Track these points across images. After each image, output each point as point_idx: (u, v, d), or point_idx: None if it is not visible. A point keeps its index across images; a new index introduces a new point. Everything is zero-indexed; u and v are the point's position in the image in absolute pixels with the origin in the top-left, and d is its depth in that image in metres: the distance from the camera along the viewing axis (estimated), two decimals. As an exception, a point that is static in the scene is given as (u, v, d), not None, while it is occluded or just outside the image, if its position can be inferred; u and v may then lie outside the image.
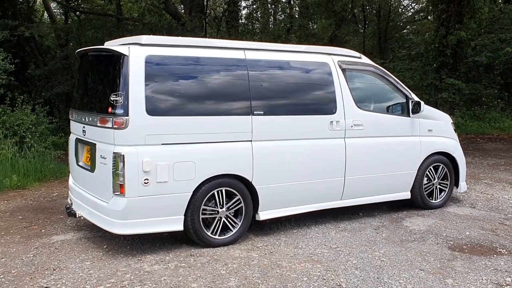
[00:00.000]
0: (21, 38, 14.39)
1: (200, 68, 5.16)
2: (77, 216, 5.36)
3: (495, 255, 5.06)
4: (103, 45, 5.54)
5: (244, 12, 22.66)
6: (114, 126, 4.72)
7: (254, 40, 17.40)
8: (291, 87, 5.69)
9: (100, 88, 5.30)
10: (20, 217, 6.49)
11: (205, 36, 16.27)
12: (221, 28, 21.46)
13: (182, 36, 7.74)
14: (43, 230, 5.87)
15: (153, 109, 4.79)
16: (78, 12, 19.30)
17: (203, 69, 5.17)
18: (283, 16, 24.39)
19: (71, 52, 16.74)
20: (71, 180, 5.90)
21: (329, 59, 6.00)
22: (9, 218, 6.42)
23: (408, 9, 27.31)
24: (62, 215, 6.49)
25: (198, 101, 5.08)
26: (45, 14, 21.86)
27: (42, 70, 15.43)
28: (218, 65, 5.26)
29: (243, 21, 22.40)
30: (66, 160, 10.32)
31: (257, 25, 23.83)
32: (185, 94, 5.04)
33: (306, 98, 5.79)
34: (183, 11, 18.28)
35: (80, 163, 5.57)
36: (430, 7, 21.91)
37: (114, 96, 4.72)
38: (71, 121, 5.89)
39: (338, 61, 6.04)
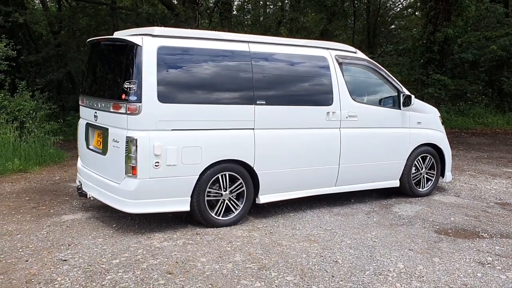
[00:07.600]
0: (14, 24, 14.45)
1: (208, 59, 5.45)
2: (88, 197, 5.66)
3: (477, 238, 5.48)
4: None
5: (235, 3, 22.86)
6: (128, 112, 5.02)
7: (244, 32, 17.64)
8: (291, 79, 6.03)
9: (113, 76, 5.59)
10: (27, 198, 6.75)
11: (197, 27, 16.50)
12: (213, 19, 21.62)
13: (176, 26, 8.02)
14: (51, 210, 6.15)
15: (164, 97, 5.09)
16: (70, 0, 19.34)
17: (210, 60, 5.47)
18: (273, 8, 24.62)
19: (64, 39, 16.87)
20: (79, 163, 6.18)
21: (327, 53, 6.33)
22: (17, 199, 6.68)
23: (397, 4, 27.77)
24: (68, 197, 6.77)
25: (205, 90, 5.40)
26: (36, 0, 21.81)
27: (36, 56, 15.49)
28: (224, 56, 5.58)
29: (234, 12, 22.58)
30: (64, 145, 10.60)
31: (248, 17, 24.02)
32: (193, 84, 5.35)
33: (305, 90, 6.15)
34: (176, 1, 18.46)
35: (90, 147, 5.84)
36: (419, 3, 22.37)
37: (128, 83, 5.00)
38: (81, 106, 6.15)
39: (335, 55, 6.38)
